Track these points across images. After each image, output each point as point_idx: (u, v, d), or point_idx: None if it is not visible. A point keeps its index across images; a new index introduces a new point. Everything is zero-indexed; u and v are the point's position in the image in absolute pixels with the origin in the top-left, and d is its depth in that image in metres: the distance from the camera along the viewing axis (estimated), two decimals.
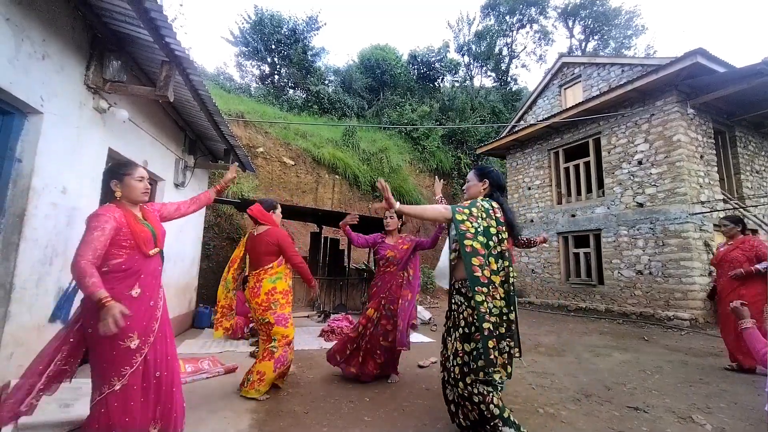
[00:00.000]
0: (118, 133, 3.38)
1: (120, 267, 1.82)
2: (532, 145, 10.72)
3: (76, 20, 2.71)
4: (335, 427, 2.41)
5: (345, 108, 17.15)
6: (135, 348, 1.80)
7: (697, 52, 6.59)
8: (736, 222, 4.14)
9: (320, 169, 12.02)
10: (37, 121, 2.42)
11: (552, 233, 9.74)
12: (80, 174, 2.86)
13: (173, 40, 2.70)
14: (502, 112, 19.14)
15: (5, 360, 2.21)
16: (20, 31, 2.22)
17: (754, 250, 3.88)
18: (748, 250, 3.91)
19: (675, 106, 7.29)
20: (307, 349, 4.52)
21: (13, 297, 2.24)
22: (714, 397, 3.13)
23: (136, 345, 1.80)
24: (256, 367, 2.83)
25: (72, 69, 2.73)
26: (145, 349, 1.84)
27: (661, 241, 7.28)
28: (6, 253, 2.24)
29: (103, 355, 1.76)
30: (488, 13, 23.17)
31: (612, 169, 8.39)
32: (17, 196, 2.30)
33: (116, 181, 1.93)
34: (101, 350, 1.76)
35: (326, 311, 7.20)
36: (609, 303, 8.01)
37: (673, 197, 7.18)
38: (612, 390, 3.28)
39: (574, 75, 10.11)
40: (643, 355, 4.65)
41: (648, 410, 2.81)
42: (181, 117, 4.58)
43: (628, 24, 22.89)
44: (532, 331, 6.24)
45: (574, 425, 2.52)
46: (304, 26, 18.77)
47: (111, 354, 1.75)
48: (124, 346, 1.77)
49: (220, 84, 16.53)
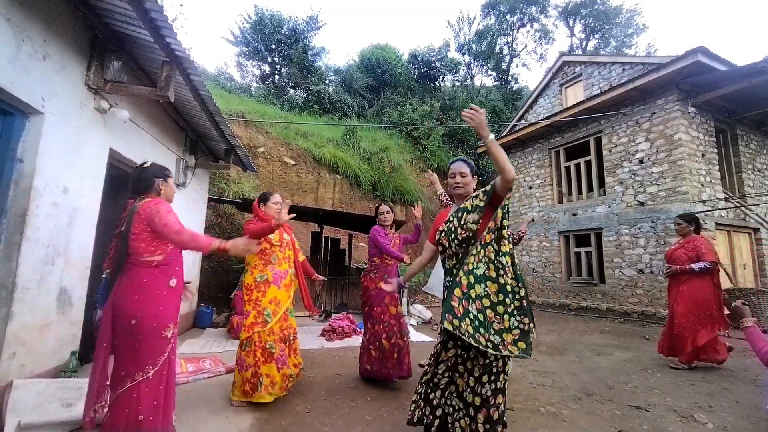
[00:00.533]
0: (119, 133, 3.38)
1: (166, 260, 1.96)
2: (533, 144, 10.70)
3: (77, 20, 2.71)
4: (336, 426, 2.42)
5: (345, 107, 17.15)
6: (170, 336, 1.94)
7: (699, 51, 6.57)
8: (689, 221, 4.21)
9: (321, 168, 12.03)
10: (38, 121, 2.42)
11: (553, 232, 9.74)
12: (81, 174, 2.87)
13: (174, 41, 2.70)
14: (502, 112, 19.11)
15: (8, 359, 2.21)
16: (21, 32, 2.23)
17: (695, 249, 3.98)
18: (690, 250, 4.02)
19: (676, 104, 7.27)
20: (309, 348, 4.53)
21: (15, 297, 2.25)
22: (716, 396, 3.12)
23: (171, 333, 1.95)
24: (263, 369, 2.65)
25: (73, 69, 2.73)
26: (173, 338, 1.98)
27: (662, 239, 7.26)
28: (8, 253, 2.25)
29: (142, 346, 1.84)
30: (489, 12, 23.15)
31: (613, 168, 8.37)
32: (19, 196, 2.31)
33: (162, 180, 2.07)
34: (143, 340, 1.84)
35: (327, 310, 7.20)
36: (610, 302, 8.00)
37: (674, 196, 7.16)
38: (613, 389, 3.28)
39: (574, 74, 10.09)
40: (645, 353, 4.65)
41: (650, 409, 2.81)
42: (181, 117, 4.59)
43: (628, 23, 22.84)
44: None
45: (575, 424, 2.52)
46: (305, 26, 18.77)
47: (152, 344, 1.86)
48: (164, 336, 1.90)
49: (220, 84, 16.54)
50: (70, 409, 2.20)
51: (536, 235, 10.24)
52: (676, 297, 4.04)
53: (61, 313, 2.69)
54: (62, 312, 2.71)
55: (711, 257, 3.88)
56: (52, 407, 2.18)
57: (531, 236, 10.38)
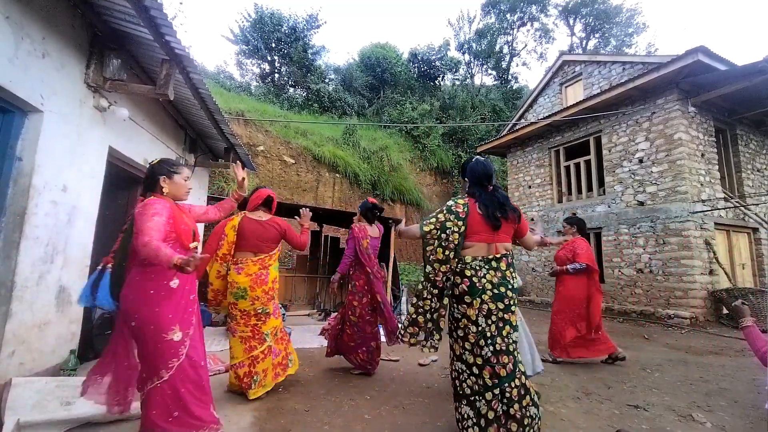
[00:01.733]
0: (118, 131, 3.38)
1: None
2: (533, 143, 10.70)
3: (76, 18, 2.70)
4: (336, 424, 2.42)
5: (345, 106, 17.14)
6: (179, 341, 1.87)
7: (699, 50, 6.57)
8: (572, 223, 4.34)
9: (321, 167, 12.02)
10: (38, 119, 2.42)
11: (553, 232, 9.74)
12: (80, 172, 2.87)
13: (173, 39, 2.70)
14: (502, 111, 19.11)
15: (7, 358, 2.21)
16: (20, 29, 2.22)
17: (573, 251, 4.10)
18: (569, 251, 4.14)
19: (676, 104, 7.27)
20: (308, 347, 4.53)
21: (14, 295, 2.25)
22: (714, 396, 3.13)
23: (179, 336, 1.87)
24: (259, 366, 2.75)
25: (72, 67, 2.72)
26: (188, 340, 1.91)
27: (661, 239, 7.27)
28: (7, 252, 2.24)
29: (147, 349, 1.83)
30: (489, 11, 23.13)
31: (613, 167, 8.37)
32: (18, 195, 2.31)
33: (165, 177, 2.00)
34: (147, 344, 1.83)
35: (327, 309, 7.20)
36: (609, 301, 8.01)
37: (673, 196, 7.16)
38: (612, 388, 3.28)
39: (575, 73, 10.09)
40: (644, 353, 4.66)
41: (648, 408, 2.82)
42: (181, 115, 4.58)
43: (629, 22, 22.82)
44: (532, 330, 6.20)
45: (574, 423, 2.53)
46: (305, 24, 18.74)
47: (156, 347, 1.82)
48: (167, 339, 1.83)
49: (220, 82, 16.52)
50: (69, 407, 2.20)
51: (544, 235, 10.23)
52: (555, 295, 4.27)
53: (60, 312, 2.69)
54: (61, 310, 2.71)
55: (583, 259, 3.99)
56: (51, 406, 2.17)
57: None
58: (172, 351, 1.85)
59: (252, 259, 2.83)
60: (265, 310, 2.83)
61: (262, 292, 2.79)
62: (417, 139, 16.16)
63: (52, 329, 2.62)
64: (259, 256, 2.85)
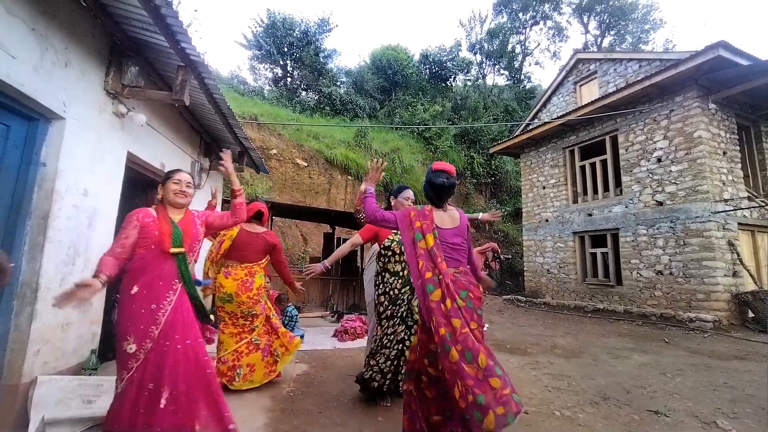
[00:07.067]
0: (136, 136, 3.46)
1: (132, 265, 1.90)
2: (547, 143, 10.55)
3: (96, 27, 2.79)
4: (349, 426, 2.42)
5: (357, 109, 17.23)
6: (131, 353, 1.77)
7: (719, 45, 6.38)
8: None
9: (333, 170, 12.10)
10: (60, 126, 2.49)
11: (568, 233, 9.57)
12: (100, 176, 2.95)
13: (189, 46, 2.76)
14: (515, 111, 18.92)
15: (33, 356, 2.29)
16: (44, 40, 2.30)
17: None
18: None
19: (695, 101, 7.07)
20: (321, 349, 4.55)
21: (39, 296, 2.32)
22: (740, 402, 3.01)
23: (133, 350, 1.77)
24: (243, 360, 2.97)
25: (92, 75, 2.81)
26: (141, 355, 1.77)
27: (682, 240, 7.06)
28: (32, 254, 2.32)
29: (116, 353, 1.84)
30: (501, 10, 22.96)
31: (630, 166, 8.19)
32: (42, 199, 2.38)
33: (160, 185, 2.10)
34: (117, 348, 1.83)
35: (340, 311, 7.23)
36: (628, 304, 7.82)
37: (694, 195, 6.96)
38: (631, 393, 3.20)
39: (589, 71, 9.91)
40: (664, 357, 4.52)
41: (669, 414, 2.73)
42: (196, 120, 4.67)
43: (645, 18, 22.34)
44: (548, 333, 6.14)
45: (592, 428, 2.47)
46: (316, 28, 18.94)
47: (118, 353, 1.81)
48: (123, 349, 1.78)
49: (234, 87, 16.81)
50: (91, 405, 2.26)
51: (551, 235, 10.08)
52: None
53: (81, 313, 2.77)
54: (83, 311, 2.78)
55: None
56: (73, 403, 2.24)
57: (545, 237, 10.23)
58: (123, 362, 1.78)
59: (240, 266, 3.05)
60: (251, 312, 3.03)
61: (247, 297, 2.99)
62: (429, 141, 16.11)
63: (74, 329, 2.69)
64: (245, 264, 3.05)
